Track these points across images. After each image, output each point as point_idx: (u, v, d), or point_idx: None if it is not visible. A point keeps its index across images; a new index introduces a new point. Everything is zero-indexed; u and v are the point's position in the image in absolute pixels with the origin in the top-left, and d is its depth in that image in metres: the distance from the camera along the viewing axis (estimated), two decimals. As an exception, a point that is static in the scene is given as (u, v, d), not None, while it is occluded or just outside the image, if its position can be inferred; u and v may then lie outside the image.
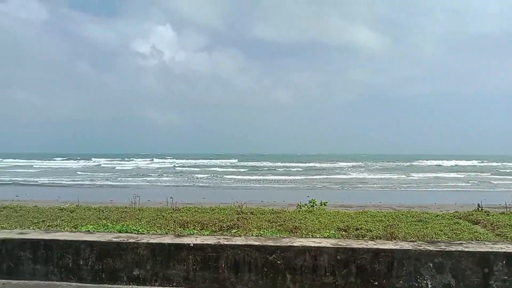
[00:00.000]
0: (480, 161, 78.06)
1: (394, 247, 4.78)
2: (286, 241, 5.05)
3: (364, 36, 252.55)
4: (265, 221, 11.26)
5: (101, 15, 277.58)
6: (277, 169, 58.53)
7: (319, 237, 5.86)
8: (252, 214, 12.78)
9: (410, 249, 4.73)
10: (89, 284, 4.83)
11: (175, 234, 5.93)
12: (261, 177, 41.72)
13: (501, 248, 4.77)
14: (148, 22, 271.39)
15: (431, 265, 4.65)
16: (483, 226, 11.83)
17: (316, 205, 13.48)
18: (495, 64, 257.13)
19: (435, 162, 75.29)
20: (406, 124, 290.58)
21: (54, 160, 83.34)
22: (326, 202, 13.86)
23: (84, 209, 12.89)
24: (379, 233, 9.27)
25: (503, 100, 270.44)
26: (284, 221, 11.20)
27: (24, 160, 76.01)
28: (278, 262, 4.79)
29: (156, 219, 11.14)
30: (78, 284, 4.83)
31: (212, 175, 45.39)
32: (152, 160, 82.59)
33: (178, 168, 59.50)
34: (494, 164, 71.43)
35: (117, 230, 8.21)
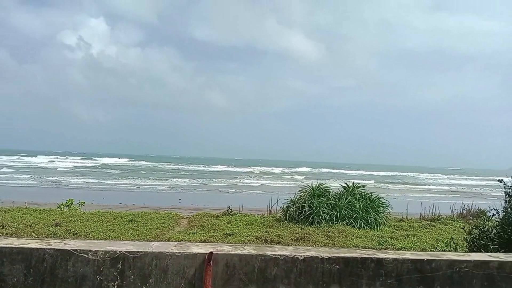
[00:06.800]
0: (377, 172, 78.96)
1: None
2: None
3: (300, 44, 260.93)
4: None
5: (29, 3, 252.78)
6: (178, 172, 58.35)
7: None
8: (6, 212, 11.58)
9: None
10: None
11: None
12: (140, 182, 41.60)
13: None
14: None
15: None
16: (188, 223, 11.66)
17: (72, 204, 13.35)
18: (422, 79, 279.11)
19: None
20: (335, 133, 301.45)
21: None
22: (84, 202, 14.02)
23: None
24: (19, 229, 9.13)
25: (424, 112, 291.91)
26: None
27: None
28: None
29: None
30: None
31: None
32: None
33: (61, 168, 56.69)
34: (380, 173, 74.11)
35: None
